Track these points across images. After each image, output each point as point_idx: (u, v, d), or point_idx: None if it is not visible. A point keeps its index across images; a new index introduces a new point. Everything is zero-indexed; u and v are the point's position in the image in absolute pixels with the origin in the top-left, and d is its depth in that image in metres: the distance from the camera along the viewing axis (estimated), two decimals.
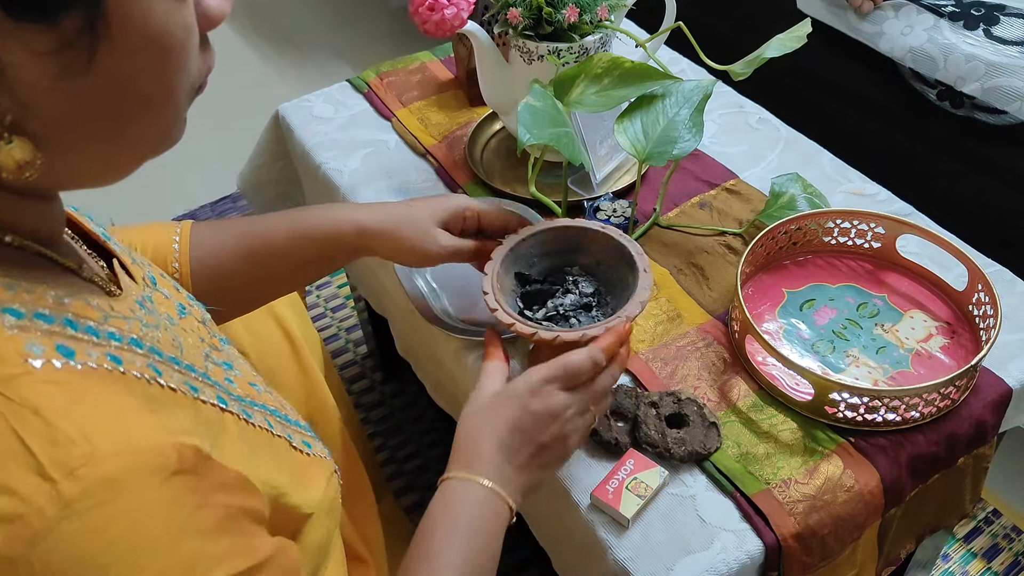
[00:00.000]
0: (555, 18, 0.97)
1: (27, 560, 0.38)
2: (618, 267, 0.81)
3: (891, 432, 0.81)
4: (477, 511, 0.65)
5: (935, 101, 1.43)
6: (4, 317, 0.42)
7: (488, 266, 0.80)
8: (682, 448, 0.79)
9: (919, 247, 0.96)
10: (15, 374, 0.40)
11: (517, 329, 0.75)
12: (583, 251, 0.84)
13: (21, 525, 0.38)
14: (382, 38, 2.69)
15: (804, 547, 0.75)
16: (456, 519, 0.64)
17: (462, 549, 0.63)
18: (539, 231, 0.84)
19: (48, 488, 0.38)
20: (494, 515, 0.66)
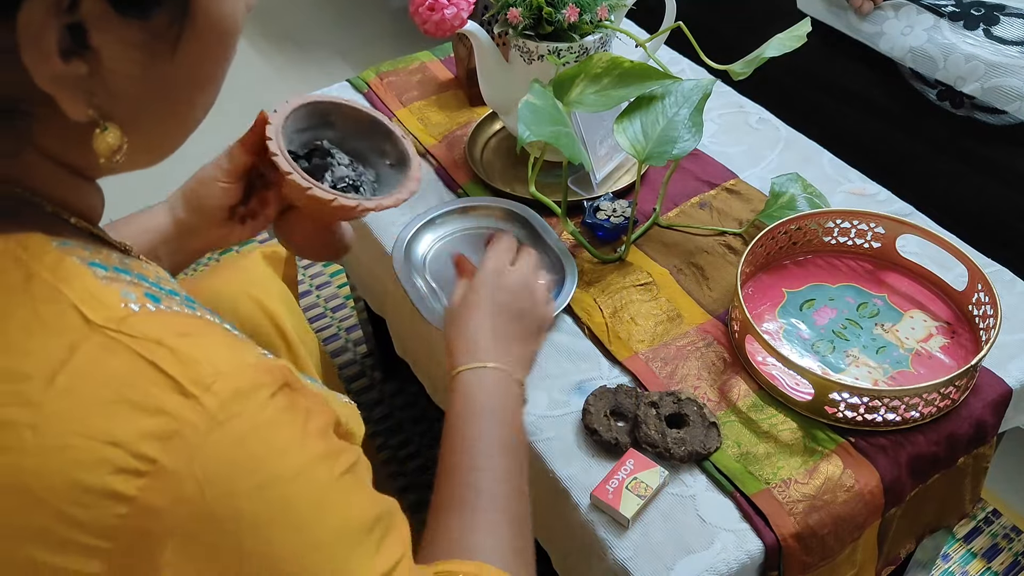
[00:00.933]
0: (555, 18, 0.97)
1: (190, 471, 0.41)
2: (375, 140, 0.84)
3: (891, 432, 0.81)
4: (495, 393, 0.71)
5: (935, 101, 1.43)
6: (94, 269, 0.45)
7: (272, 145, 0.77)
8: (682, 448, 0.79)
9: (919, 247, 0.96)
10: (123, 316, 0.43)
11: (340, 202, 0.75)
12: (333, 126, 0.85)
13: (180, 440, 0.41)
14: (382, 38, 2.69)
15: (804, 547, 0.75)
16: (479, 406, 0.70)
17: (493, 431, 0.68)
18: (293, 108, 0.82)
19: (192, 404, 0.41)
20: (510, 394, 0.72)
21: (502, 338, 0.76)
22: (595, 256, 0.99)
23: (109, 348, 0.42)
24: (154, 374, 0.42)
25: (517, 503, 0.67)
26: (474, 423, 0.69)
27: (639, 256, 1.01)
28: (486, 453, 0.67)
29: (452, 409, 0.71)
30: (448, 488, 0.66)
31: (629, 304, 0.95)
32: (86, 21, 0.41)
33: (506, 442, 0.69)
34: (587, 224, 1.03)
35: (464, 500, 0.64)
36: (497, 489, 0.65)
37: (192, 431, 0.41)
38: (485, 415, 0.69)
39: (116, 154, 0.46)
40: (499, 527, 0.64)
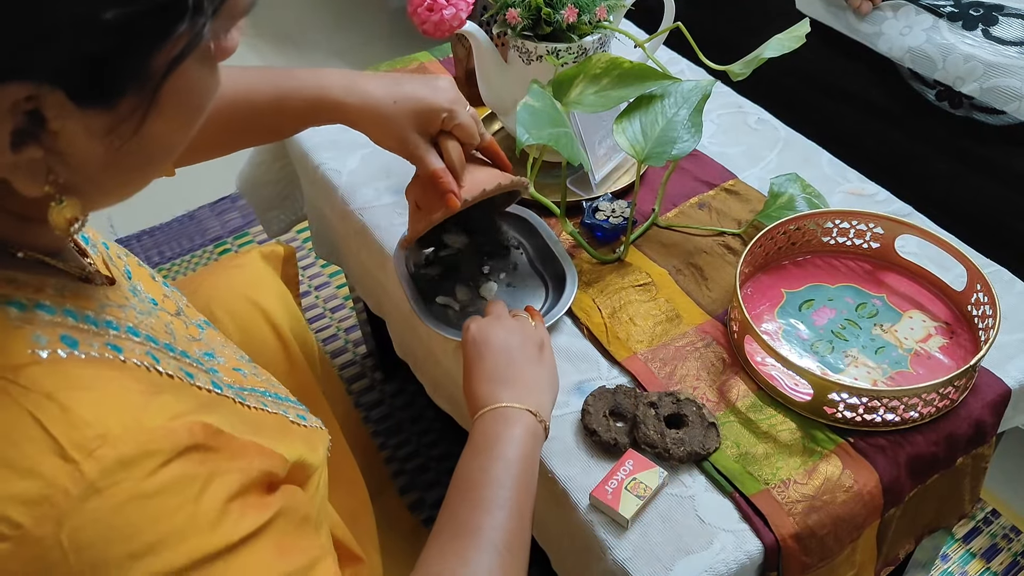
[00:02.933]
0: (554, 18, 0.97)
1: (56, 539, 0.39)
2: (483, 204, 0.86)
3: (890, 432, 0.81)
4: (518, 435, 0.69)
5: (934, 101, 1.43)
6: (8, 310, 0.44)
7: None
8: (681, 448, 0.79)
9: (918, 247, 0.96)
10: (24, 364, 0.42)
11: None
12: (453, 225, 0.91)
13: (48, 506, 0.39)
14: (381, 38, 2.69)
15: (803, 547, 0.75)
16: (503, 449, 0.68)
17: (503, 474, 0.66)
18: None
19: (71, 469, 0.40)
20: (537, 432, 0.71)
21: (517, 378, 0.74)
22: (594, 257, 0.99)
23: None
24: (36, 432, 0.40)
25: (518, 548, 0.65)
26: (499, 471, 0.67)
27: (638, 257, 1.01)
28: (493, 495, 0.65)
29: (478, 445, 0.69)
30: (447, 520, 0.65)
31: (628, 304, 0.95)
32: (44, 110, 0.40)
33: (528, 488, 0.68)
34: (586, 224, 1.03)
35: (459, 536, 0.63)
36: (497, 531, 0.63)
37: (64, 498, 0.40)
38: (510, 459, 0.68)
39: (73, 224, 0.45)
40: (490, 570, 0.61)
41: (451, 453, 1.44)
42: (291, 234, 1.92)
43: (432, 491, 1.39)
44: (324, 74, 0.80)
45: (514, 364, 0.75)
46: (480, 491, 0.65)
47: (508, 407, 0.71)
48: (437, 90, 0.80)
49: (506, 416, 0.71)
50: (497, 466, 0.66)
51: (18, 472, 0.39)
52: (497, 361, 0.75)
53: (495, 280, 0.97)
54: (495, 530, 0.62)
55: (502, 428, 0.69)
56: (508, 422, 0.70)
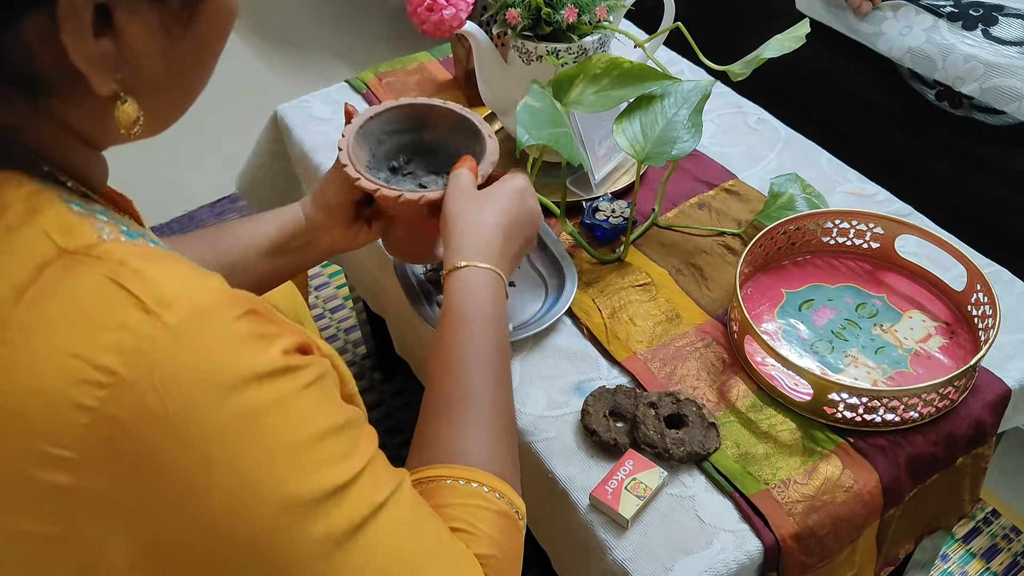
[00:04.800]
0: (554, 18, 0.96)
1: (150, 383, 0.42)
2: (465, 140, 0.84)
3: (890, 432, 0.81)
4: (490, 297, 0.71)
5: (934, 101, 1.43)
6: (70, 206, 0.47)
7: (341, 141, 0.82)
8: (681, 448, 0.79)
9: (918, 247, 0.96)
10: (92, 243, 0.45)
11: (382, 193, 0.78)
12: (428, 127, 0.87)
13: (140, 354, 0.42)
14: (380, 39, 2.69)
15: (803, 547, 0.75)
16: (477, 308, 0.69)
17: (489, 334, 0.68)
18: (385, 109, 0.86)
19: (153, 320, 0.43)
20: (501, 297, 0.72)
21: (508, 245, 0.75)
22: (594, 257, 0.99)
23: (74, 269, 0.44)
24: (117, 292, 0.43)
25: (506, 406, 0.67)
26: (470, 324, 0.68)
27: (638, 257, 1.01)
28: (479, 356, 0.67)
29: (449, 306, 0.70)
30: (440, 390, 0.66)
31: (628, 305, 0.95)
32: (112, 3, 0.45)
33: (499, 344, 0.69)
34: (586, 225, 1.03)
35: (455, 403, 0.64)
36: (489, 392, 0.66)
37: (152, 345, 0.42)
38: (480, 318, 0.69)
39: (135, 125, 0.50)
40: (490, 431, 0.64)
41: None
42: None
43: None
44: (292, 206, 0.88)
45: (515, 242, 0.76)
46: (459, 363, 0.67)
47: (494, 272, 0.72)
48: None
49: (500, 285, 0.72)
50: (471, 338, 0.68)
51: (106, 326, 0.42)
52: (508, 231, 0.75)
53: None
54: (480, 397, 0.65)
55: (468, 296, 0.71)
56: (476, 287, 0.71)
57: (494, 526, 0.58)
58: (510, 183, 0.77)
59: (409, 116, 0.87)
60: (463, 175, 0.78)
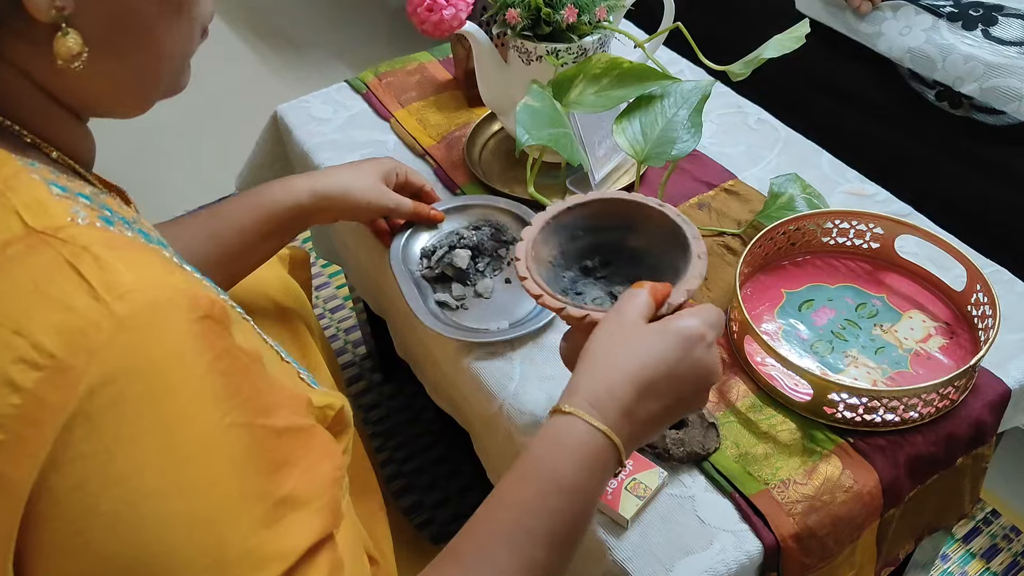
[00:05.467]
0: (553, 19, 0.96)
1: (86, 370, 0.41)
2: (671, 252, 0.73)
3: (890, 432, 0.81)
4: (587, 468, 0.56)
5: (934, 101, 1.43)
6: (51, 188, 0.47)
7: (525, 231, 0.74)
8: (681, 449, 0.79)
9: (918, 247, 0.96)
10: (63, 225, 0.45)
11: (545, 302, 0.69)
12: (635, 230, 0.76)
13: (81, 338, 0.41)
14: (380, 39, 2.68)
15: (803, 548, 0.75)
16: (559, 474, 0.56)
17: (556, 509, 0.55)
18: (586, 201, 0.76)
19: (101, 308, 0.42)
20: (603, 474, 0.57)
21: (638, 410, 0.59)
22: None
23: (36, 248, 0.43)
24: (71, 275, 0.43)
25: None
26: (533, 486, 0.56)
27: None
28: (523, 529, 0.55)
29: (528, 456, 0.57)
30: (466, 536, 0.56)
31: None
32: None
33: (562, 524, 0.56)
34: None
35: (469, 564, 0.54)
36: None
37: (96, 331, 0.41)
38: (551, 485, 0.56)
39: (75, 60, 0.48)
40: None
41: (449, 456, 1.44)
42: None
43: (430, 494, 1.39)
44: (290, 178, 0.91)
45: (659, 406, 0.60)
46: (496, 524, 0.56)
47: (608, 438, 0.57)
48: (382, 158, 0.98)
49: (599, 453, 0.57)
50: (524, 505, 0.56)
51: (53, 307, 0.42)
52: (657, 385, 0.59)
53: (490, 277, 0.97)
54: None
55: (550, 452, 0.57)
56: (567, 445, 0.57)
57: None
58: (682, 323, 0.61)
59: (616, 213, 0.75)
60: (639, 296, 0.63)
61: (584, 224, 0.76)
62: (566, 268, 0.77)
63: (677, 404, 0.61)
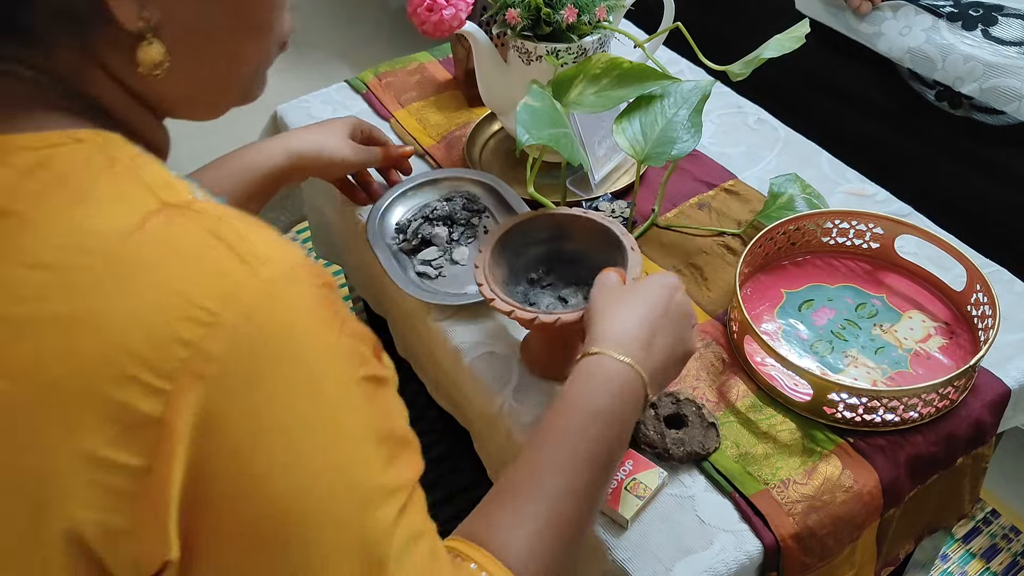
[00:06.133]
0: (553, 19, 0.96)
1: (246, 329, 0.43)
2: (606, 250, 0.83)
3: (890, 432, 0.81)
4: (617, 394, 0.64)
5: (933, 101, 1.43)
6: (165, 167, 0.49)
7: (478, 258, 0.83)
8: (681, 449, 0.79)
9: (918, 247, 0.96)
10: (190, 200, 0.47)
11: (517, 315, 0.78)
12: (571, 237, 0.87)
13: (238, 299, 0.43)
14: (380, 39, 2.68)
15: (803, 547, 0.75)
16: (593, 403, 0.63)
17: (591, 435, 0.62)
18: (521, 220, 0.86)
19: (250, 273, 0.44)
20: (632, 402, 0.65)
21: (652, 344, 0.68)
22: None
23: (176, 220, 0.45)
24: (217, 243, 0.44)
25: (572, 522, 0.60)
26: (574, 417, 0.63)
27: None
28: (568, 456, 0.61)
29: (565, 393, 0.65)
30: (515, 469, 0.61)
31: None
32: None
33: (601, 450, 0.62)
34: None
35: (520, 491, 0.60)
36: (559, 499, 0.59)
37: (249, 295, 0.43)
38: (591, 414, 0.63)
39: (157, 68, 0.50)
40: (539, 538, 0.58)
41: (451, 454, 1.44)
42: (291, 234, 1.92)
43: (432, 492, 1.38)
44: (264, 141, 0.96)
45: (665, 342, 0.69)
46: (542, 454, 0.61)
47: (632, 368, 0.65)
48: (346, 116, 1.04)
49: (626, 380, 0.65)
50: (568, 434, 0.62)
51: (207, 272, 0.43)
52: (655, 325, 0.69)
53: (465, 244, 1.01)
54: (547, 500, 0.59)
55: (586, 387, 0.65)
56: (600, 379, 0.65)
57: None
58: (659, 278, 0.73)
59: (548, 226, 0.87)
60: (610, 275, 0.75)
61: (524, 240, 0.87)
62: (517, 283, 0.87)
63: (678, 342, 0.70)
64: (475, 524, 0.59)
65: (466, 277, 0.98)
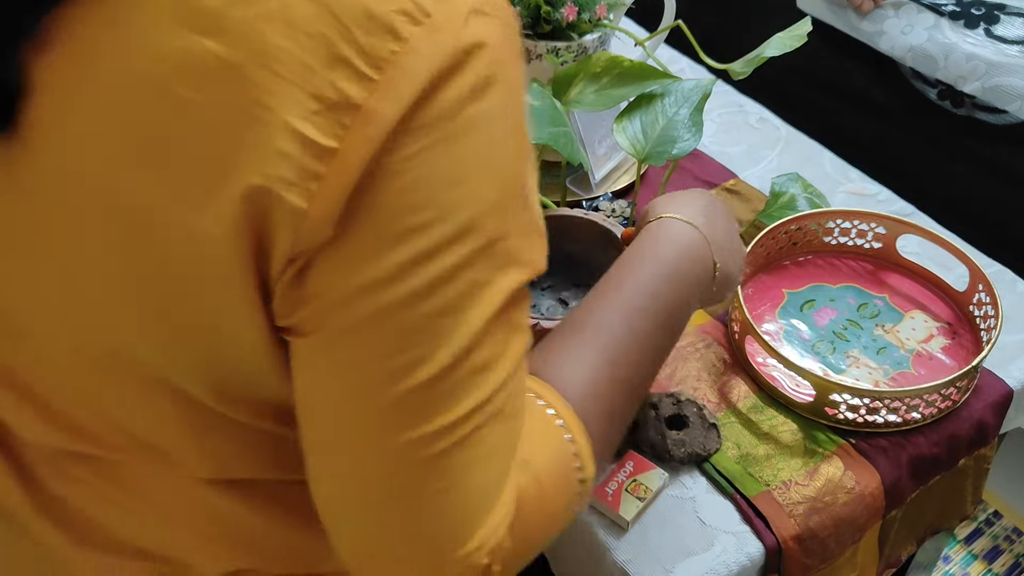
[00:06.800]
0: (553, 17, 0.96)
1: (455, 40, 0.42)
2: (607, 251, 0.82)
3: (892, 433, 0.81)
4: (684, 252, 0.64)
5: (935, 100, 1.43)
6: None
7: None
8: (682, 450, 0.78)
9: (920, 247, 0.96)
10: None
11: None
12: (569, 239, 0.86)
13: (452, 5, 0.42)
14: None
15: (804, 549, 0.75)
16: (662, 256, 0.63)
17: (660, 288, 0.61)
18: None
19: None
20: (699, 259, 0.65)
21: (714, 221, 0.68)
22: None
23: None
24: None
25: (634, 371, 0.59)
26: (641, 270, 0.62)
27: None
28: (631, 302, 0.60)
29: (629, 250, 0.64)
30: (579, 314, 0.60)
31: None
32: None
33: (662, 308, 0.61)
34: None
35: (586, 332, 0.58)
36: (621, 344, 0.58)
37: (462, 2, 0.42)
38: (657, 266, 0.62)
39: None
40: (598, 376, 0.56)
41: None
42: None
43: None
44: None
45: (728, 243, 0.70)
46: (607, 299, 0.61)
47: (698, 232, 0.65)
48: None
49: (695, 242, 0.65)
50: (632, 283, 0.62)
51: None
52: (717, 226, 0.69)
53: None
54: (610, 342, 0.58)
55: (652, 245, 0.64)
56: (665, 236, 0.65)
57: (550, 462, 0.51)
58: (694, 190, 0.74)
59: (548, 227, 0.86)
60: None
61: None
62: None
63: (732, 248, 0.70)
64: (537, 360, 0.56)
65: None
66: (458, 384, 0.45)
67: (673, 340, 0.63)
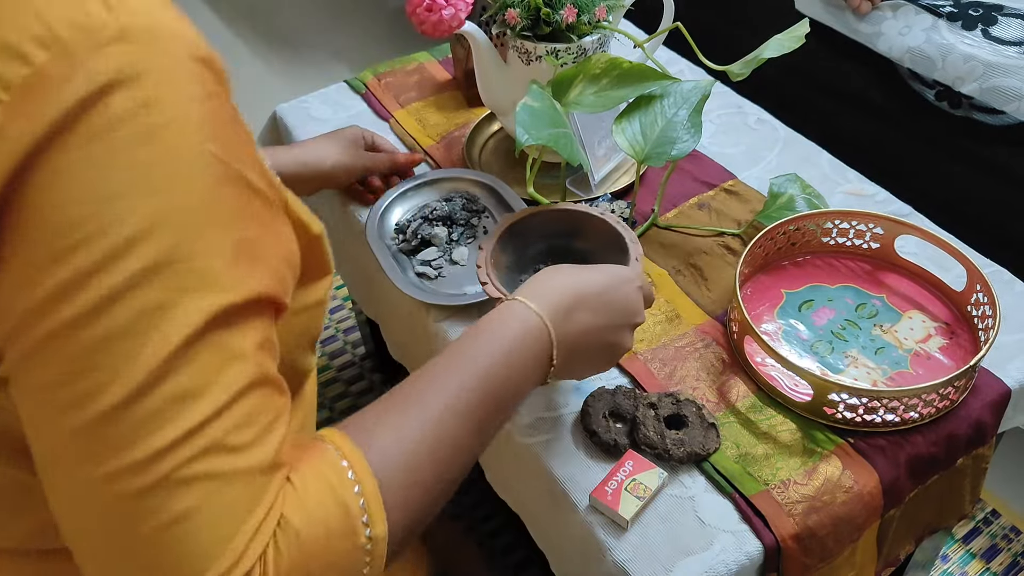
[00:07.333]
0: (553, 19, 0.96)
1: (88, 61, 0.42)
2: (613, 254, 0.82)
3: (890, 433, 0.81)
4: (521, 339, 0.63)
5: (933, 101, 1.43)
6: None
7: (484, 241, 0.84)
8: (681, 449, 0.79)
9: (918, 247, 0.96)
10: None
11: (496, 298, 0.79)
12: (580, 235, 0.87)
13: (89, 33, 0.42)
14: (380, 39, 2.68)
15: (803, 548, 0.75)
16: (499, 340, 0.63)
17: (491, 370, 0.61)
18: (537, 212, 0.87)
19: (111, 15, 0.43)
20: (533, 352, 0.64)
21: (572, 315, 0.67)
22: None
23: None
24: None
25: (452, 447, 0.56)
26: (483, 348, 0.61)
27: None
28: (456, 378, 0.59)
29: (473, 325, 0.64)
30: (411, 385, 0.58)
31: None
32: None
33: (489, 388, 0.60)
34: None
35: (408, 406, 0.56)
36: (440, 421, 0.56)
37: (102, 31, 0.42)
38: (491, 349, 0.62)
39: None
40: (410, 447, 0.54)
41: None
42: None
43: None
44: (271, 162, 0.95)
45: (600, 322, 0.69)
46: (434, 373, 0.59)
47: (521, 303, 0.65)
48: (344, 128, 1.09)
49: (511, 311, 0.65)
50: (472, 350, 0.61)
51: (70, 4, 0.43)
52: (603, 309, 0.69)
53: (464, 245, 1.02)
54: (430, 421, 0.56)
55: (495, 323, 0.64)
56: (509, 318, 0.64)
57: (328, 515, 0.48)
58: (618, 269, 0.72)
59: (565, 221, 0.87)
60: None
61: (536, 232, 0.87)
62: (521, 272, 0.87)
63: (604, 328, 0.69)
64: (352, 425, 0.55)
65: (465, 277, 0.98)
66: (153, 413, 0.43)
67: (502, 418, 0.62)
